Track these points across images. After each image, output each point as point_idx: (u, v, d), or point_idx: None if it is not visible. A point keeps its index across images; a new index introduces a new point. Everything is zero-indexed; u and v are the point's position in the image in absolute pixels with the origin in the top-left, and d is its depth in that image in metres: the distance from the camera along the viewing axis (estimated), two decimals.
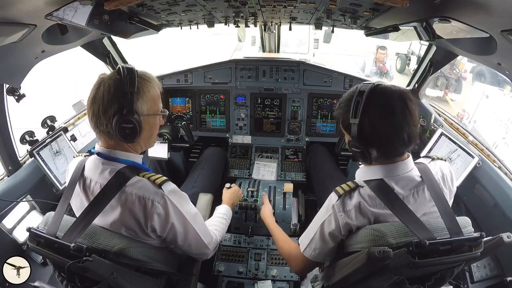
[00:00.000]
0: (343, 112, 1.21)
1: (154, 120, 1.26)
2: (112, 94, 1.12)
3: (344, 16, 1.77)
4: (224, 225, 1.70)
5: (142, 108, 1.18)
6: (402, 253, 1.01)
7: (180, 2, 1.57)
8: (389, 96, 1.13)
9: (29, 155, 1.94)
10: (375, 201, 1.18)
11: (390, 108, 1.11)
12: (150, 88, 1.21)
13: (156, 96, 1.24)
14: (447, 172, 1.28)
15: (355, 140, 1.16)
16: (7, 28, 1.17)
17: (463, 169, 2.08)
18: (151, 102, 1.21)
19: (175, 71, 2.90)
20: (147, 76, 1.22)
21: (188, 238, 1.31)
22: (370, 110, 1.12)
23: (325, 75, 2.80)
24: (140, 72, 1.20)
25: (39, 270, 1.79)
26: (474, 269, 1.85)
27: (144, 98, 1.18)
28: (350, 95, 1.19)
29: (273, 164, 2.83)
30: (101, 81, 1.16)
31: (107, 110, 1.13)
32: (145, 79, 1.20)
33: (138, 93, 1.16)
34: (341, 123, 1.25)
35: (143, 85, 1.18)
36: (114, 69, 2.86)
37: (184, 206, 1.27)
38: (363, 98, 1.12)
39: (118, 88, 1.13)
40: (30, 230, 1.08)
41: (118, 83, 1.13)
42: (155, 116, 1.25)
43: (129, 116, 1.13)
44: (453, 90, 8.59)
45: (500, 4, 0.97)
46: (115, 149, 1.21)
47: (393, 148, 1.16)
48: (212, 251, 1.46)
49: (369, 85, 1.14)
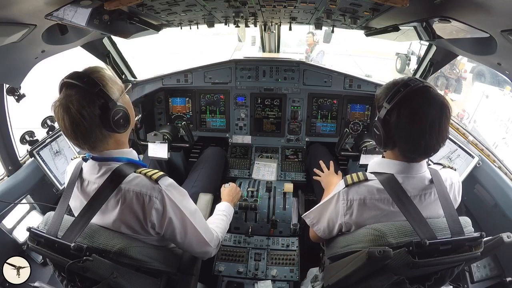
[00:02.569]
0: (383, 92, 1.21)
1: (125, 97, 1.26)
2: (88, 104, 1.08)
3: (344, 16, 1.77)
4: (225, 222, 1.69)
5: (115, 93, 1.17)
6: (402, 253, 1.01)
7: (180, 2, 1.57)
8: (429, 102, 1.10)
9: (29, 155, 1.94)
10: (382, 195, 1.18)
11: (422, 113, 1.09)
12: (104, 74, 1.19)
13: (112, 76, 1.22)
14: (455, 181, 1.29)
15: (379, 122, 1.17)
16: (7, 28, 1.17)
17: (463, 169, 2.09)
18: (114, 84, 1.20)
19: (175, 71, 2.90)
20: (91, 69, 1.19)
21: (187, 235, 1.30)
22: (403, 105, 1.11)
23: (325, 75, 2.80)
24: (85, 70, 1.17)
25: (39, 270, 1.79)
26: (474, 269, 1.85)
27: (109, 85, 1.17)
28: (398, 81, 1.19)
29: (273, 164, 2.83)
30: (65, 104, 1.07)
31: (92, 124, 1.09)
32: (94, 70, 1.17)
33: (104, 85, 1.14)
34: (376, 101, 1.25)
35: (99, 76, 1.15)
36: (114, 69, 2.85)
37: (183, 201, 1.27)
38: (405, 90, 1.11)
39: (87, 96, 1.09)
40: (30, 230, 1.08)
41: (84, 93, 1.08)
42: (124, 93, 1.25)
43: (115, 107, 1.13)
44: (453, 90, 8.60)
45: (500, 4, 0.97)
46: (107, 150, 1.21)
47: (407, 149, 1.17)
48: (214, 249, 1.46)
49: (418, 82, 1.13)
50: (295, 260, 2.06)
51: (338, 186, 1.32)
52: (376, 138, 1.22)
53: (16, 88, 1.71)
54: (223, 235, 1.60)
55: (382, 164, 1.26)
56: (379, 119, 1.18)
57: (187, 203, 1.29)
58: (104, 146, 1.19)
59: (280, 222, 2.26)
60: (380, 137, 1.19)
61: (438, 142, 1.12)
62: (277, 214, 2.28)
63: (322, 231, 1.41)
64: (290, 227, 2.26)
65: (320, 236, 1.44)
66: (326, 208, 1.35)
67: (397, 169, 1.20)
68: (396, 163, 1.21)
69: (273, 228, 2.25)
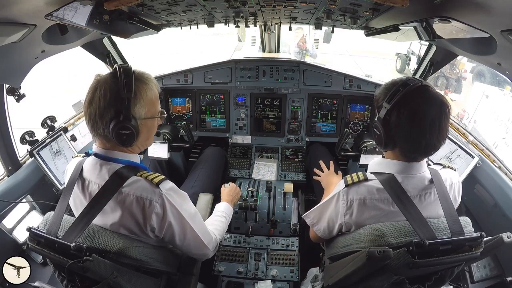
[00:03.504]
0: (382, 92, 1.21)
1: (152, 122, 1.24)
2: (108, 100, 1.09)
3: (344, 16, 1.78)
4: (223, 224, 1.68)
5: (139, 112, 1.15)
6: (402, 252, 1.01)
7: (180, 2, 1.57)
8: (428, 101, 1.11)
9: (29, 155, 1.94)
10: (382, 195, 1.19)
11: (422, 112, 1.10)
12: (148, 90, 1.17)
13: (154, 98, 1.21)
14: (455, 182, 1.30)
15: (379, 122, 1.18)
16: (7, 28, 1.17)
17: (463, 169, 2.09)
18: (149, 105, 1.18)
19: (175, 71, 2.90)
20: (145, 78, 1.18)
21: (186, 238, 1.30)
22: (403, 105, 1.12)
23: (325, 75, 2.80)
24: (137, 74, 1.16)
25: (39, 270, 1.79)
26: (474, 269, 1.85)
27: (141, 102, 1.15)
28: (396, 81, 1.19)
29: (273, 164, 2.83)
30: (97, 83, 1.12)
31: (104, 115, 1.10)
32: (142, 81, 1.16)
33: (135, 97, 1.12)
34: (376, 101, 1.26)
35: (140, 89, 1.14)
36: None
37: (183, 205, 1.26)
38: (404, 90, 1.12)
39: (114, 93, 1.09)
40: (30, 230, 1.08)
41: (114, 88, 1.09)
42: (153, 119, 1.23)
43: (126, 122, 1.10)
44: (453, 90, 8.60)
45: (500, 4, 0.97)
46: (112, 150, 1.20)
47: (408, 148, 1.17)
48: (212, 251, 1.46)
49: (416, 82, 1.13)
50: (295, 260, 2.06)
51: (338, 186, 1.32)
52: (377, 138, 1.23)
53: (16, 88, 1.71)
54: (221, 237, 1.60)
55: (382, 164, 1.26)
56: (379, 119, 1.18)
57: (187, 206, 1.29)
58: (112, 144, 1.19)
59: (280, 222, 2.26)
60: (380, 137, 1.19)
61: (438, 140, 1.12)
62: (277, 214, 2.28)
63: (322, 231, 1.41)
64: (290, 227, 2.26)
65: (320, 236, 1.44)
66: (326, 208, 1.36)
67: (397, 169, 1.20)
68: (396, 163, 1.21)
69: (273, 228, 2.25)
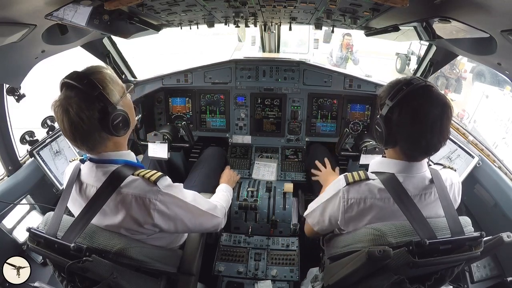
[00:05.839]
0: (386, 89, 1.21)
1: (127, 99, 1.25)
2: (87, 108, 1.07)
3: (344, 16, 1.77)
4: (225, 196, 1.79)
5: (115, 96, 1.16)
6: (402, 252, 1.01)
7: (180, 2, 1.57)
8: (430, 101, 1.10)
9: (29, 155, 1.94)
10: (383, 195, 1.19)
11: (424, 112, 1.10)
12: (106, 75, 1.17)
13: (113, 77, 1.20)
14: (455, 182, 1.30)
15: (381, 119, 1.18)
16: (7, 28, 1.17)
17: (463, 169, 2.09)
18: (115, 86, 1.18)
19: (175, 71, 2.90)
20: (93, 68, 1.17)
21: (197, 218, 1.36)
22: (405, 103, 1.12)
23: (325, 75, 2.80)
24: (85, 70, 1.15)
25: (39, 270, 1.79)
26: (474, 269, 1.85)
27: (109, 87, 1.15)
28: (400, 79, 1.19)
29: (273, 164, 2.83)
30: (62, 106, 1.07)
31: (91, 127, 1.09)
32: (95, 72, 1.15)
33: (103, 87, 1.12)
34: (379, 98, 1.25)
35: (99, 78, 1.13)
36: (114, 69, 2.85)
37: (183, 193, 1.31)
38: (407, 88, 1.12)
39: (86, 98, 1.07)
40: (30, 230, 1.09)
41: (82, 95, 1.07)
42: (126, 95, 1.25)
43: (115, 111, 1.12)
44: (453, 90, 8.59)
45: (500, 4, 0.97)
46: (105, 152, 1.20)
47: (408, 147, 1.17)
48: (222, 218, 1.54)
49: (420, 81, 1.13)
50: (295, 260, 2.06)
51: (337, 182, 1.31)
52: (378, 135, 1.22)
53: (16, 88, 1.71)
54: (227, 206, 1.69)
55: (383, 164, 1.26)
56: (381, 116, 1.18)
57: (186, 193, 1.34)
58: (103, 148, 1.19)
59: (280, 222, 2.26)
60: (381, 134, 1.18)
61: (439, 141, 1.12)
62: (277, 214, 2.28)
63: (321, 228, 1.43)
64: (290, 227, 2.26)
65: (317, 231, 1.46)
66: (327, 206, 1.36)
67: (398, 169, 1.20)
68: (397, 163, 1.21)
69: (273, 228, 2.25)
